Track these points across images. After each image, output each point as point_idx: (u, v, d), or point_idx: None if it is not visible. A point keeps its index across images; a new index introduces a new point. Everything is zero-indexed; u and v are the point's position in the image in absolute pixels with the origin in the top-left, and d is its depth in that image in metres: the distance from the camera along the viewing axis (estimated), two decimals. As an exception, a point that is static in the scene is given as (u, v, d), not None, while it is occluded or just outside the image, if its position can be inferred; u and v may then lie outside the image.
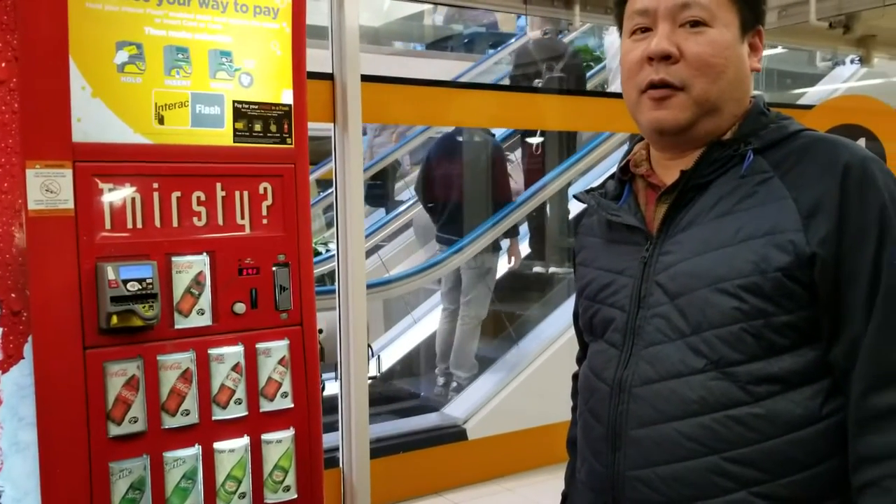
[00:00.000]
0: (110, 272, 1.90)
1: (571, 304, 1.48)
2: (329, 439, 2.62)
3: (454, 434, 4.27)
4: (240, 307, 2.12)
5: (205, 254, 2.08)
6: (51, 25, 1.88)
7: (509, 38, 8.34)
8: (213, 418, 2.08)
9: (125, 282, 1.91)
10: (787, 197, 1.10)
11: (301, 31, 2.24)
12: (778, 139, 1.18)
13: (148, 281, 1.94)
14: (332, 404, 3.24)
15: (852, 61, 5.24)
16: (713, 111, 1.19)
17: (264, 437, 2.15)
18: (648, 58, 1.18)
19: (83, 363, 1.90)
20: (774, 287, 1.08)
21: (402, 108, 3.85)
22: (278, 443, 2.17)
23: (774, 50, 5.85)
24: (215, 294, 2.09)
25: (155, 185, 2.02)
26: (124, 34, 1.98)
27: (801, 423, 1.08)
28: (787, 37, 4.65)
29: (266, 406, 2.16)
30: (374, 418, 4.45)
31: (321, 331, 2.35)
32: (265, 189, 2.18)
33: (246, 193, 2.15)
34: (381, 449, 3.85)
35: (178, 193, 2.06)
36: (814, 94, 6.87)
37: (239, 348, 2.12)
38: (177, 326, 2.04)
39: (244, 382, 2.12)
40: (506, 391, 4.49)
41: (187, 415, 2.04)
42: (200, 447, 2.06)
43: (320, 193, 6.86)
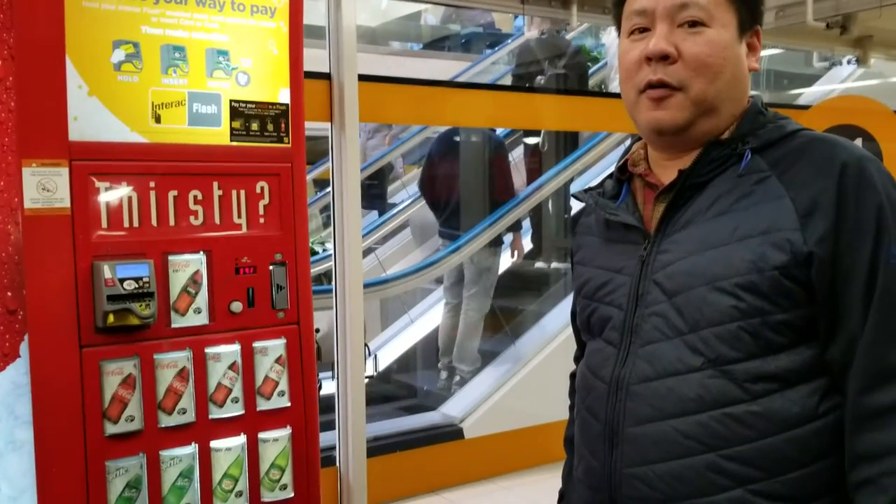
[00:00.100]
0: (107, 271, 1.90)
1: (569, 301, 1.48)
2: (326, 438, 2.62)
3: (451, 433, 4.26)
4: (236, 306, 2.12)
5: (201, 253, 2.08)
6: (47, 24, 1.88)
7: (506, 38, 8.35)
8: (210, 417, 2.08)
9: (122, 280, 1.91)
10: (784, 196, 1.11)
11: (298, 31, 2.24)
12: (776, 139, 1.18)
13: (144, 280, 1.94)
14: (328, 403, 3.24)
15: (849, 62, 5.25)
16: (711, 111, 1.19)
17: (261, 435, 2.15)
18: (647, 58, 1.19)
19: (79, 362, 1.90)
20: (772, 286, 1.08)
21: (400, 108, 3.84)
22: (275, 441, 2.17)
23: (772, 50, 5.85)
24: (212, 293, 2.09)
25: (151, 184, 2.02)
26: (121, 33, 1.98)
27: (797, 421, 1.08)
28: (784, 37, 4.65)
29: (263, 405, 2.16)
30: (375, 417, 4.47)
31: (318, 330, 2.35)
32: (262, 188, 2.18)
33: (243, 192, 2.15)
34: (378, 448, 3.85)
35: (174, 192, 2.06)
36: (810, 95, 6.89)
37: (236, 347, 2.12)
38: (173, 325, 2.04)
39: (241, 381, 2.12)
40: (502, 390, 4.49)
41: (184, 413, 2.04)
42: (197, 446, 2.06)
43: (317, 193, 6.86)
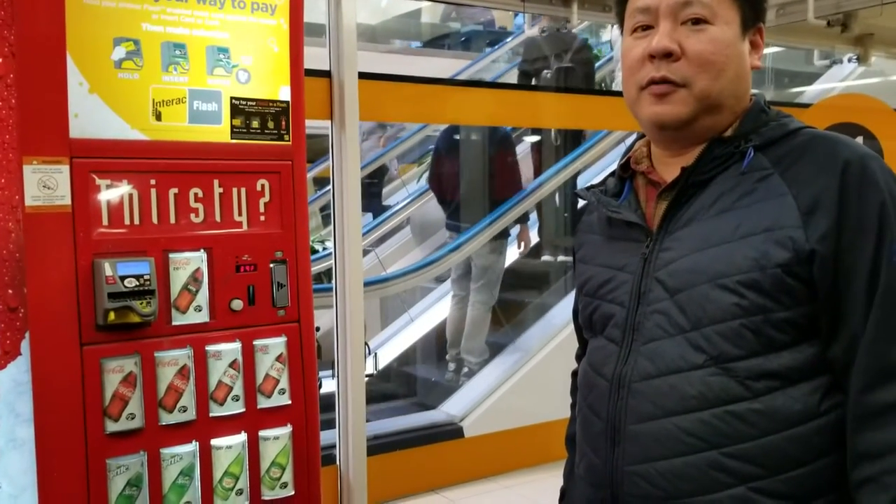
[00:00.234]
0: (107, 268, 1.90)
1: (570, 299, 1.48)
2: (326, 437, 2.62)
3: (451, 431, 4.26)
4: (237, 304, 2.12)
5: (202, 250, 2.08)
6: (48, 21, 1.88)
7: (507, 36, 8.34)
8: (211, 415, 2.08)
9: (122, 278, 1.91)
10: (786, 194, 1.11)
11: (299, 28, 2.24)
12: (778, 136, 1.18)
13: (145, 277, 1.94)
14: (328, 402, 3.23)
15: (850, 60, 5.24)
16: (714, 108, 1.19)
17: (262, 433, 2.15)
18: (650, 55, 1.18)
19: (80, 360, 1.90)
20: (774, 283, 1.08)
21: (400, 106, 3.83)
22: (276, 439, 2.16)
23: (773, 48, 5.85)
24: (213, 291, 2.09)
25: (152, 182, 2.02)
26: (122, 30, 1.98)
27: (799, 419, 1.08)
28: (784, 35, 4.65)
29: (263, 403, 2.16)
30: (386, 413, 4.48)
31: (318, 328, 2.35)
32: (262, 186, 2.18)
33: (243, 190, 2.15)
34: (378, 446, 3.85)
35: (175, 190, 2.05)
36: (810, 93, 6.88)
37: (236, 345, 2.12)
38: (174, 323, 2.04)
39: (241, 379, 2.12)
40: (502, 389, 4.49)
41: (184, 411, 2.04)
42: (198, 444, 2.06)
43: (317, 191, 6.84)
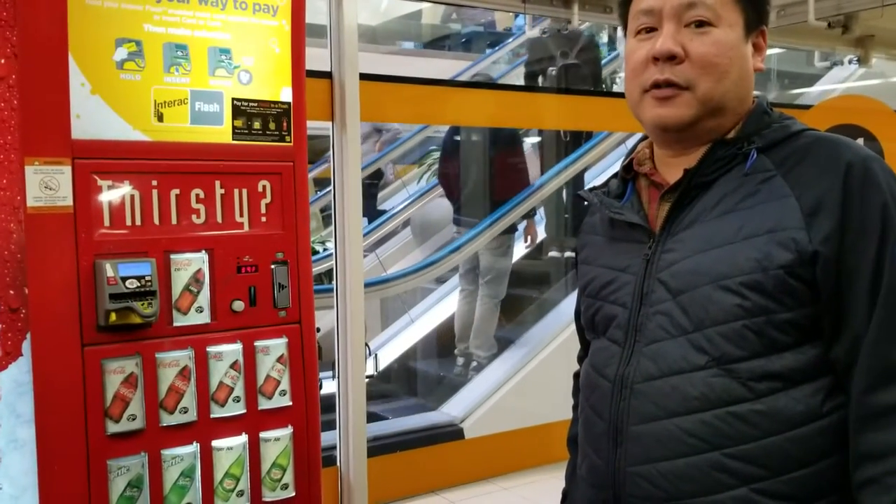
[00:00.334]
0: (109, 269, 1.90)
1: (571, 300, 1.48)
2: (326, 438, 2.62)
3: (451, 433, 4.26)
4: (238, 305, 2.12)
5: (203, 251, 2.08)
6: (50, 22, 1.88)
7: (507, 37, 8.34)
8: (212, 416, 2.08)
9: (124, 279, 1.91)
10: (789, 195, 1.11)
11: (300, 29, 2.24)
12: (781, 138, 1.18)
13: (146, 278, 1.94)
14: (329, 403, 3.23)
15: (850, 62, 5.24)
16: (717, 110, 1.19)
17: (262, 434, 2.15)
18: (653, 58, 1.19)
19: (81, 360, 1.90)
20: (776, 284, 1.08)
21: (401, 107, 3.84)
22: (276, 441, 2.16)
23: (774, 50, 5.85)
24: (214, 292, 2.09)
25: (154, 183, 2.02)
26: (124, 31, 1.98)
27: (801, 420, 1.08)
28: (785, 36, 4.65)
29: (264, 404, 2.16)
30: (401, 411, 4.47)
31: (318, 329, 2.35)
32: (264, 187, 2.18)
33: (245, 191, 2.15)
34: (379, 447, 3.85)
35: (176, 191, 2.05)
36: (810, 95, 6.88)
37: (237, 346, 2.12)
38: (175, 324, 2.04)
39: (242, 380, 2.12)
40: (503, 390, 4.49)
41: (185, 412, 2.04)
42: (199, 445, 2.06)
43: (317, 192, 6.84)
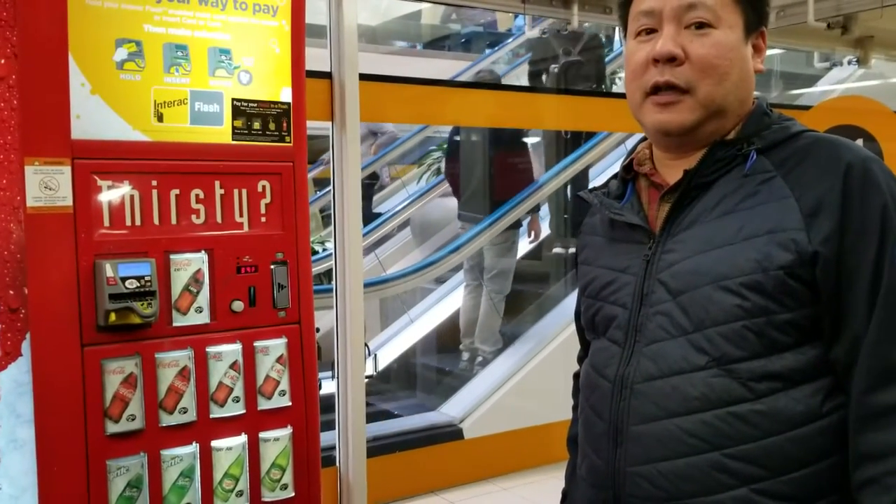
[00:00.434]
0: (108, 269, 1.90)
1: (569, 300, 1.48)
2: (325, 438, 2.62)
3: (450, 433, 4.26)
4: (238, 305, 2.12)
5: (203, 251, 2.08)
6: (50, 22, 1.88)
7: (507, 37, 8.34)
8: (211, 416, 2.08)
9: (123, 279, 1.91)
10: (789, 196, 1.11)
11: (300, 29, 2.24)
12: (781, 139, 1.18)
13: (146, 278, 1.94)
14: (328, 403, 3.23)
15: (849, 62, 5.25)
16: (718, 113, 1.19)
17: (262, 435, 2.15)
18: (654, 59, 1.19)
19: (81, 360, 1.90)
20: (776, 285, 1.08)
21: (400, 108, 3.84)
22: (276, 441, 2.16)
23: (774, 50, 5.85)
24: (213, 292, 2.09)
25: (154, 183, 2.02)
26: (124, 31, 1.98)
27: (801, 420, 1.09)
28: (784, 37, 4.65)
29: (264, 404, 2.16)
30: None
31: (318, 329, 2.35)
32: (264, 187, 2.18)
33: (244, 191, 2.15)
34: (378, 448, 3.85)
35: (176, 191, 2.05)
36: (810, 96, 6.88)
37: (237, 346, 2.12)
38: (175, 324, 2.04)
39: (242, 380, 2.12)
40: (502, 390, 4.49)
41: (185, 413, 2.04)
42: (198, 445, 2.06)
43: (317, 192, 6.83)
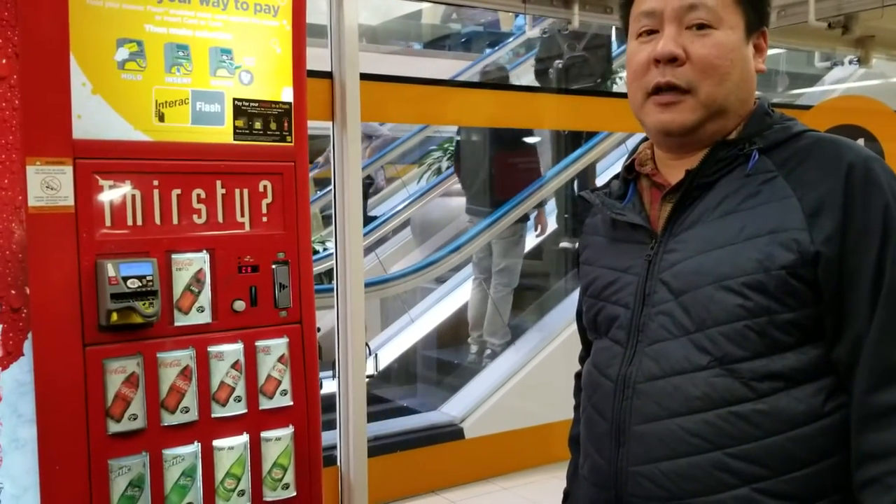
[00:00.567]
0: (110, 269, 1.90)
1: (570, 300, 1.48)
2: (326, 438, 2.62)
3: (451, 433, 4.26)
4: (239, 305, 2.12)
5: (205, 251, 2.08)
6: (52, 22, 1.88)
7: (507, 36, 8.34)
8: (213, 416, 2.08)
9: (125, 279, 1.91)
10: (791, 196, 1.11)
11: (301, 29, 2.24)
12: (782, 139, 1.18)
13: (148, 278, 1.94)
14: (329, 403, 3.23)
15: (850, 62, 5.24)
16: (720, 113, 1.19)
17: (263, 434, 2.15)
18: (655, 60, 1.19)
19: (83, 360, 1.90)
20: (778, 285, 1.08)
21: (401, 107, 3.84)
22: (277, 440, 2.17)
23: (775, 50, 5.85)
24: (215, 292, 2.09)
25: (155, 183, 2.02)
26: (125, 31, 1.98)
27: (803, 419, 1.09)
28: (785, 37, 4.65)
29: (265, 404, 2.16)
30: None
31: (318, 329, 2.35)
32: (265, 187, 2.18)
33: (246, 191, 2.15)
34: (379, 447, 3.85)
35: (178, 191, 2.05)
36: (810, 96, 6.88)
37: (238, 346, 2.12)
38: (176, 324, 2.04)
39: (243, 380, 2.12)
40: (503, 390, 4.49)
41: (187, 412, 2.04)
42: (200, 444, 2.06)
43: (317, 192, 6.83)
